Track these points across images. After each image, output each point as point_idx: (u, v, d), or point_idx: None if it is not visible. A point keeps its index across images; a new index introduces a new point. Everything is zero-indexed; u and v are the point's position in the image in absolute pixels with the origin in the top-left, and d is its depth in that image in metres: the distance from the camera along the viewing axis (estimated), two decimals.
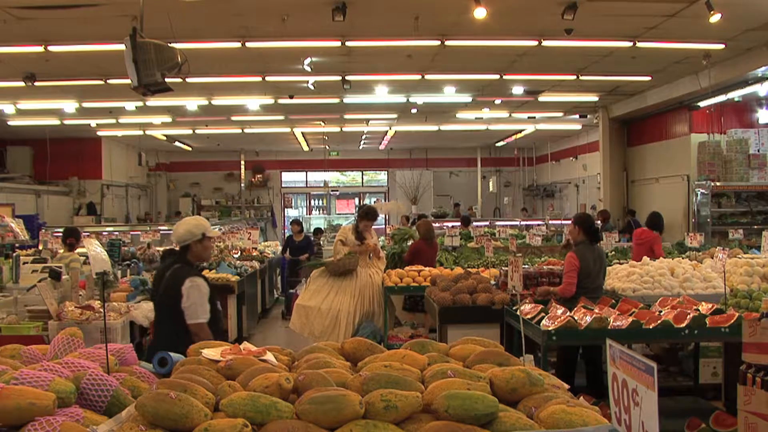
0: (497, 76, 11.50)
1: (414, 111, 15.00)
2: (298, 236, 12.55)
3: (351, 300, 7.49)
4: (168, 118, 15.41)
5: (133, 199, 21.17)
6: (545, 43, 9.28)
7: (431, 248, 8.84)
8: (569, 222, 14.61)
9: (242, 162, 23.42)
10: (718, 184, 12.52)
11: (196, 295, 4.20)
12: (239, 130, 17.50)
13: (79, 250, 7.78)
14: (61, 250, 7.97)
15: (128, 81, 6.09)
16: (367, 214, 8.02)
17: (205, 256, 4.58)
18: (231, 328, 8.78)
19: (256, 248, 12.62)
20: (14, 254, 7.52)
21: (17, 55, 9.47)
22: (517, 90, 12.87)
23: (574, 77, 11.66)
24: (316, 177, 24.07)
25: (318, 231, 14.25)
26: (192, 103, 13.46)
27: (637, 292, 6.31)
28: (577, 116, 16.38)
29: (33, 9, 7.66)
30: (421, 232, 8.94)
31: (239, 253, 11.60)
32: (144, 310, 6.01)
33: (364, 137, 20.28)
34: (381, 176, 25.24)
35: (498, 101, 14.15)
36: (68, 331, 3.06)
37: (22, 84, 10.60)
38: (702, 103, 12.74)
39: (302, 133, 18.83)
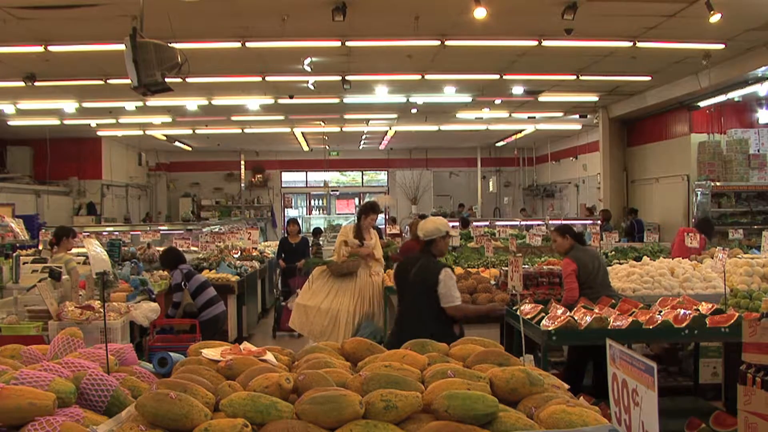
0: (497, 76, 11.49)
1: (414, 111, 15.00)
2: (294, 238, 11.19)
3: (351, 301, 7.44)
4: (168, 118, 15.42)
5: (133, 199, 21.16)
6: (545, 43, 9.28)
7: None
8: (569, 222, 14.69)
9: (242, 162, 23.43)
10: (718, 184, 12.52)
11: (450, 282, 4.94)
12: (239, 130, 17.50)
13: (75, 249, 7.77)
14: (55, 251, 7.86)
15: (128, 81, 6.08)
16: (372, 208, 7.89)
17: (444, 251, 5.28)
18: (231, 328, 8.77)
19: (256, 248, 12.60)
20: (14, 254, 7.51)
21: (17, 55, 9.48)
22: (517, 90, 12.87)
23: (574, 77, 11.66)
24: (316, 177, 24.08)
25: (317, 231, 14.02)
26: (192, 103, 13.46)
27: (637, 292, 6.31)
28: (577, 116, 16.38)
29: (33, 9, 7.66)
30: (412, 231, 9.11)
31: (239, 253, 11.59)
32: (144, 310, 6.00)
33: (364, 137, 20.28)
34: (381, 176, 25.24)
35: (498, 101, 14.15)
36: (68, 331, 3.06)
37: (22, 84, 10.60)
38: (702, 103, 12.74)
39: (302, 133, 18.83)
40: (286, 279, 10.93)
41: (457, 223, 13.56)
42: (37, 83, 10.63)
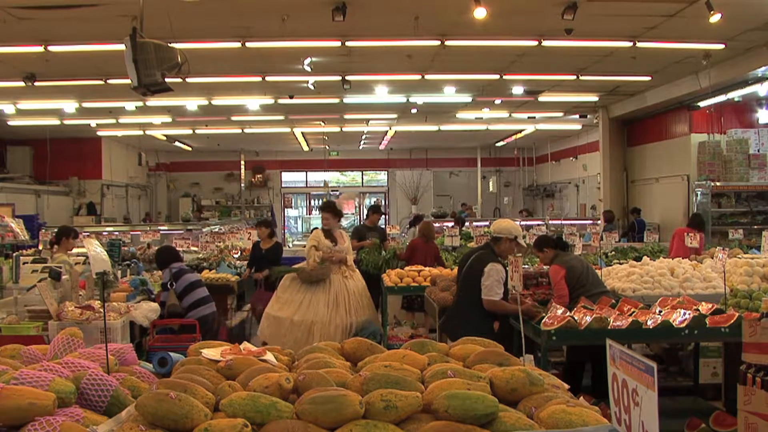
0: (497, 76, 11.49)
1: (414, 111, 15.00)
2: (266, 243, 9.39)
3: (325, 310, 7.01)
4: (168, 118, 15.41)
5: (133, 199, 21.15)
6: (545, 43, 9.27)
7: (428, 246, 9.01)
8: (569, 222, 14.68)
9: (242, 162, 23.42)
10: (718, 184, 12.51)
11: (496, 276, 5.18)
12: (239, 130, 17.50)
13: (75, 249, 7.77)
14: (54, 250, 7.85)
15: (128, 81, 6.08)
16: (325, 208, 7.53)
17: (506, 253, 5.35)
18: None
19: None
20: (14, 254, 7.51)
21: (17, 55, 9.47)
22: (517, 90, 12.87)
23: (574, 77, 11.66)
24: (316, 177, 24.07)
25: None
26: (192, 103, 13.45)
27: (637, 292, 6.31)
28: (577, 116, 16.37)
29: (33, 9, 7.66)
30: (420, 230, 9.35)
31: (239, 253, 11.59)
32: (144, 310, 6.00)
33: (364, 137, 20.28)
34: (381, 176, 25.24)
35: (498, 101, 14.15)
36: (68, 331, 3.07)
37: (22, 84, 10.59)
38: (702, 103, 12.73)
39: (302, 133, 18.83)
40: (241, 294, 9.25)
41: (451, 223, 13.63)
42: (37, 83, 10.62)
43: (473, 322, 5.11)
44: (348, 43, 9.22)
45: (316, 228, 7.61)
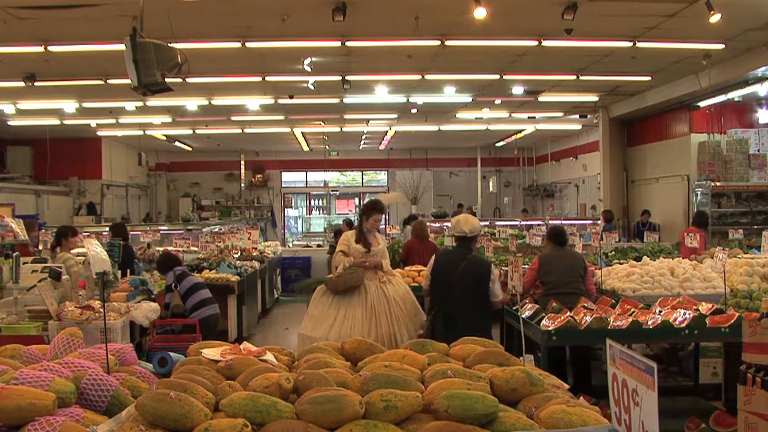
0: (497, 76, 11.49)
1: (414, 111, 15.00)
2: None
3: (363, 322, 6.04)
4: (168, 118, 15.41)
5: (133, 199, 21.15)
6: (545, 43, 9.27)
7: (424, 245, 9.02)
8: (569, 222, 14.66)
9: (242, 162, 23.41)
10: (718, 184, 12.51)
11: (496, 279, 5.37)
12: (239, 130, 17.49)
13: (75, 249, 7.76)
14: (57, 251, 7.83)
15: (128, 81, 6.08)
16: (374, 207, 6.45)
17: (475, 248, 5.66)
18: (231, 328, 8.77)
19: (256, 248, 12.61)
20: (14, 254, 7.50)
21: (17, 55, 9.47)
22: (517, 90, 12.86)
23: (574, 77, 11.65)
24: (316, 177, 24.07)
25: (338, 232, 10.93)
26: (192, 103, 13.45)
27: (637, 292, 6.32)
28: (577, 116, 16.36)
29: (33, 9, 7.66)
30: (414, 231, 9.38)
31: (239, 253, 11.60)
32: (144, 310, 6.00)
33: (364, 137, 20.27)
34: (381, 176, 25.24)
35: (498, 101, 14.14)
36: (68, 331, 3.07)
37: (22, 84, 10.59)
38: (702, 103, 12.73)
39: (302, 133, 18.82)
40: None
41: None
42: (37, 83, 10.62)
43: (486, 326, 5.19)
44: (348, 43, 9.22)
45: (345, 232, 6.70)
